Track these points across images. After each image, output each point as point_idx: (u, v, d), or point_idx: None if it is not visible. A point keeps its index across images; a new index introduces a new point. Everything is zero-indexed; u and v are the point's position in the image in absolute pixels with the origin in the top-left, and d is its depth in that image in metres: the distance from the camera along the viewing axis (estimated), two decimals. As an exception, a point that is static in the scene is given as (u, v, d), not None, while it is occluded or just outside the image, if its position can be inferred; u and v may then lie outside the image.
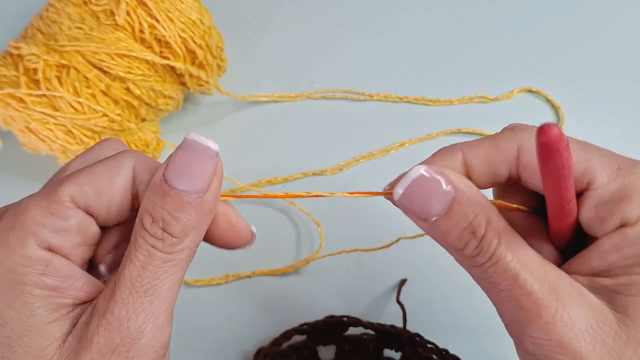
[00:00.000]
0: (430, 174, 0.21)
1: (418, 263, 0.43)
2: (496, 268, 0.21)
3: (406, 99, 0.50)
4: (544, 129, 0.16)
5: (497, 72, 0.51)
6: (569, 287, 0.21)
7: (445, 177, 0.21)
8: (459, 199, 0.21)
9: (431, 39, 0.53)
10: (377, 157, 0.48)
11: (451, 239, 0.21)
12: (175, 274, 0.22)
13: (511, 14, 0.53)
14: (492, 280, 0.21)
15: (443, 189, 0.21)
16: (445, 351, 0.37)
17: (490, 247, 0.21)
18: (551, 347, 0.20)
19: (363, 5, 0.54)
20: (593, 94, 0.49)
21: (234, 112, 0.51)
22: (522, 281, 0.20)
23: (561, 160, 0.17)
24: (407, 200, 0.22)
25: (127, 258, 0.22)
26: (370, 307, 0.43)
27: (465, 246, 0.21)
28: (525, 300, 0.20)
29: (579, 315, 0.20)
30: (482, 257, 0.21)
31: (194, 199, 0.22)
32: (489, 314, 0.42)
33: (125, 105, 0.43)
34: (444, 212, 0.21)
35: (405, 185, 0.22)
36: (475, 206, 0.21)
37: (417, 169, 0.22)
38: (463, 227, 0.21)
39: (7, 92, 0.40)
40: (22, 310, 0.21)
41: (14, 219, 0.22)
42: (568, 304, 0.20)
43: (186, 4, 0.43)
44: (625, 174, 0.21)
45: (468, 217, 0.21)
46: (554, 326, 0.20)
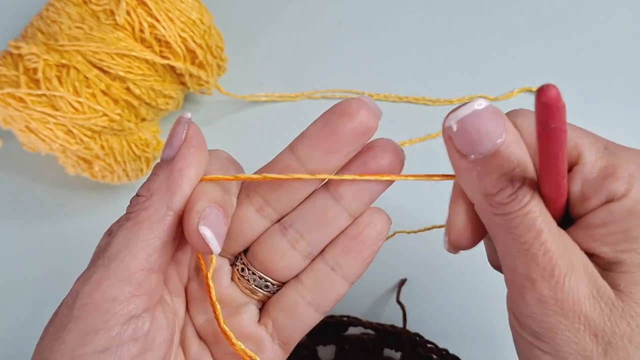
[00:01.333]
0: (493, 110, 0.21)
1: (418, 263, 0.43)
2: (523, 219, 0.21)
3: (406, 99, 0.50)
4: (543, 89, 0.17)
5: (497, 72, 0.51)
6: (578, 255, 0.21)
7: (502, 120, 0.21)
8: (508, 144, 0.21)
9: (431, 39, 0.53)
10: (377, 157, 0.48)
11: (487, 181, 0.21)
12: (136, 232, 0.22)
13: (511, 14, 0.53)
14: (514, 231, 0.21)
15: (498, 130, 0.21)
16: (445, 351, 0.37)
17: (525, 198, 0.21)
18: (555, 307, 0.20)
19: (363, 5, 0.54)
20: (593, 94, 0.49)
21: (234, 112, 0.51)
22: (544, 238, 0.20)
23: (560, 120, 0.18)
24: (459, 131, 0.21)
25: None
26: (370, 307, 0.43)
27: (500, 192, 0.21)
28: (542, 257, 0.20)
29: (583, 282, 0.20)
30: (513, 205, 0.21)
31: (164, 162, 0.24)
32: (489, 314, 0.42)
33: (125, 104, 0.43)
34: (490, 153, 0.21)
35: (462, 116, 0.21)
36: (520, 157, 0.21)
37: (480, 101, 0.21)
38: (503, 172, 0.21)
39: (7, 91, 0.40)
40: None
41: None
42: (576, 269, 0.20)
43: (186, 4, 0.43)
44: (611, 153, 0.22)
45: (511, 164, 0.21)
46: (562, 286, 0.20)
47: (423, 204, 0.43)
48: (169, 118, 0.49)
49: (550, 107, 0.17)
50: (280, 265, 0.26)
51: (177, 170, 0.23)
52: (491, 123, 0.21)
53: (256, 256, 0.27)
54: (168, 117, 0.49)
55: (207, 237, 0.23)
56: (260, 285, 0.27)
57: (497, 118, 0.21)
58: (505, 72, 0.50)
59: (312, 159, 0.25)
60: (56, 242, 0.48)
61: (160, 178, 0.23)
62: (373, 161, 0.25)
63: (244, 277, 0.27)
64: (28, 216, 0.49)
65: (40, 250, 0.47)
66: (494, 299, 0.43)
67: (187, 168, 0.23)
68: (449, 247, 0.25)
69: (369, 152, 0.26)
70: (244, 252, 0.27)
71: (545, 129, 0.18)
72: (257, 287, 0.27)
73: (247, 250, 0.27)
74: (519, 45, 0.52)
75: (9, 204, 0.49)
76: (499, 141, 0.21)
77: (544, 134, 0.18)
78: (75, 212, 0.48)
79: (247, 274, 0.27)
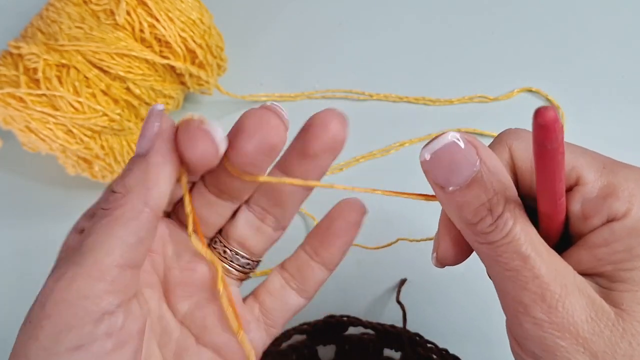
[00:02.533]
0: (463, 143, 0.21)
1: (418, 263, 0.43)
2: (508, 248, 0.21)
3: (406, 99, 0.50)
4: (540, 111, 0.17)
5: (497, 72, 0.51)
6: (572, 277, 0.21)
7: (477, 149, 0.21)
8: (483, 173, 0.21)
9: (431, 39, 0.53)
10: (377, 157, 0.48)
11: (466, 212, 0.21)
12: (111, 229, 0.22)
13: (511, 14, 0.53)
14: (500, 258, 0.21)
15: (471, 160, 0.21)
16: (445, 351, 0.37)
17: (506, 226, 0.21)
18: (551, 330, 0.20)
19: (363, 5, 0.54)
20: (593, 94, 0.49)
21: (234, 112, 0.51)
22: (531, 263, 0.20)
23: (557, 142, 0.18)
24: (432, 164, 0.21)
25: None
26: (370, 307, 0.43)
27: (480, 221, 0.21)
28: (532, 282, 0.20)
29: (580, 304, 0.20)
30: (495, 234, 0.21)
31: (139, 157, 0.23)
32: (489, 313, 0.42)
33: (125, 104, 0.43)
34: (465, 184, 0.21)
35: (434, 149, 0.21)
36: (498, 184, 0.21)
37: (451, 134, 0.21)
38: (481, 202, 0.21)
39: (7, 91, 0.40)
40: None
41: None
42: (571, 291, 0.20)
43: (186, 4, 0.43)
44: (610, 172, 0.22)
45: (488, 193, 0.21)
46: (556, 310, 0.20)
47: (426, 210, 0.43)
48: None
49: (547, 128, 0.17)
50: (254, 240, 0.28)
51: (153, 165, 0.23)
52: (464, 154, 0.21)
53: (231, 236, 0.27)
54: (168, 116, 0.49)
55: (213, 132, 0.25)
56: (241, 264, 0.28)
57: (470, 148, 0.21)
58: (505, 72, 0.50)
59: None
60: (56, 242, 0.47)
61: (136, 173, 0.23)
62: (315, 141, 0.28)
63: (226, 258, 0.27)
64: (28, 216, 0.49)
65: (40, 250, 0.47)
66: (493, 299, 0.43)
67: (163, 164, 0.23)
68: (436, 262, 0.25)
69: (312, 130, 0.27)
70: (219, 234, 0.28)
71: (543, 149, 0.18)
72: (239, 266, 0.28)
73: (221, 233, 0.28)
74: (519, 45, 0.52)
75: (9, 204, 0.49)
76: (474, 170, 0.21)
77: (541, 154, 0.19)
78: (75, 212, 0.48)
79: (229, 255, 0.27)
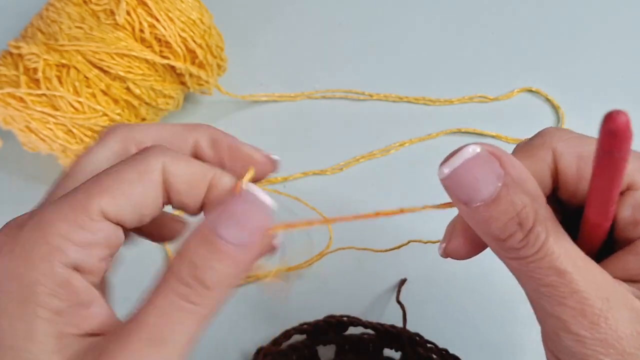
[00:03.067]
0: (485, 155, 0.20)
1: (418, 263, 0.43)
2: (542, 263, 0.19)
3: (406, 98, 0.50)
4: (612, 116, 0.15)
5: (497, 72, 0.51)
6: (613, 289, 0.20)
7: (500, 160, 0.20)
8: (509, 186, 0.19)
9: (431, 39, 0.53)
10: (377, 157, 0.48)
11: (494, 227, 0.20)
12: (193, 325, 0.20)
13: (511, 13, 0.53)
14: (534, 274, 0.20)
15: (495, 173, 0.20)
16: (445, 351, 0.37)
17: (538, 240, 0.19)
18: (594, 346, 0.19)
19: (363, 5, 0.54)
20: (593, 94, 0.49)
21: (234, 112, 0.51)
22: (569, 278, 0.19)
23: (626, 150, 0.16)
24: (453, 181, 0.20)
25: (149, 301, 0.20)
26: (370, 307, 0.43)
27: (509, 237, 0.20)
28: (570, 297, 0.19)
29: (623, 318, 0.19)
30: (527, 250, 0.19)
31: (234, 250, 0.20)
32: (489, 313, 0.42)
33: (125, 104, 0.43)
34: (491, 199, 0.19)
35: (455, 165, 0.20)
36: (525, 195, 0.20)
37: (472, 147, 0.20)
38: (510, 217, 0.19)
39: (7, 91, 0.40)
40: (24, 334, 0.19)
41: (38, 231, 0.20)
42: (613, 305, 0.19)
43: (186, 4, 0.43)
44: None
45: (517, 206, 0.19)
46: (598, 326, 0.19)
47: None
48: (169, 118, 0.49)
49: (619, 136, 0.16)
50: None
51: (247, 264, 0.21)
52: (485, 169, 0.20)
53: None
54: (168, 116, 0.49)
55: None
56: None
57: (491, 162, 0.20)
58: (505, 72, 0.51)
59: None
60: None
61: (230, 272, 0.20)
62: None
63: None
64: (28, 216, 0.49)
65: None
66: (493, 298, 0.43)
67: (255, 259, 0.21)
68: (442, 254, 0.24)
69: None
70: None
71: (609, 157, 0.17)
72: None
73: None
74: (519, 45, 0.52)
75: (9, 204, 0.49)
76: (499, 185, 0.19)
77: (605, 161, 0.17)
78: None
79: None
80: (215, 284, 0.20)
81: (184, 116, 0.50)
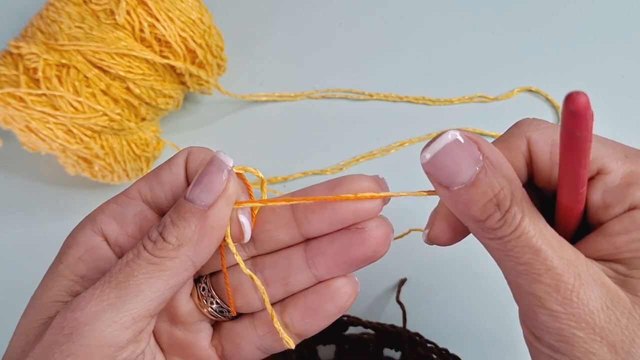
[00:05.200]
0: (465, 140, 0.21)
1: (418, 263, 0.43)
2: (518, 242, 0.20)
3: (406, 98, 0.50)
4: (572, 97, 0.16)
5: (497, 72, 0.51)
6: (585, 266, 0.21)
7: (478, 145, 0.21)
8: (487, 169, 0.21)
9: (431, 39, 0.53)
10: (377, 156, 0.48)
11: (474, 209, 0.21)
12: (156, 279, 0.22)
13: (511, 13, 0.53)
14: (511, 253, 0.21)
15: (474, 157, 0.21)
16: (445, 351, 0.37)
17: (514, 220, 0.20)
18: (568, 321, 0.20)
19: (363, 5, 0.54)
20: (593, 94, 0.49)
21: (234, 112, 0.51)
22: (543, 256, 0.20)
23: (586, 130, 0.17)
24: (435, 165, 0.21)
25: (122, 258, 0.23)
26: (370, 306, 0.43)
27: (488, 218, 0.21)
28: (545, 274, 0.20)
29: (595, 293, 0.20)
30: (504, 229, 0.21)
31: (196, 208, 0.23)
32: (489, 313, 0.42)
33: (125, 104, 0.43)
34: (471, 182, 0.21)
35: (436, 150, 0.21)
36: (503, 178, 0.21)
37: (451, 133, 0.21)
38: (488, 198, 0.21)
39: (7, 91, 0.40)
40: (44, 285, 0.23)
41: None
42: (585, 281, 0.20)
43: (186, 4, 0.43)
44: (632, 161, 0.22)
45: (494, 188, 0.21)
46: (571, 301, 0.20)
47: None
48: (169, 118, 0.49)
49: (579, 115, 0.16)
50: (240, 300, 0.27)
51: (211, 227, 0.23)
52: (465, 153, 0.21)
53: (220, 284, 0.27)
54: (168, 116, 0.49)
55: (244, 224, 0.24)
56: (216, 310, 0.27)
57: (471, 147, 0.21)
58: (505, 72, 0.51)
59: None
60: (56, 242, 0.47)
61: (191, 230, 0.23)
62: (357, 248, 0.25)
63: (203, 298, 0.27)
64: (28, 216, 0.49)
65: (40, 250, 0.47)
66: (493, 298, 0.43)
67: (220, 228, 0.23)
68: (426, 240, 0.25)
69: (357, 236, 0.25)
70: (210, 275, 0.27)
71: (571, 137, 0.18)
72: (214, 311, 0.27)
73: (213, 275, 0.27)
74: (519, 45, 0.52)
75: (9, 204, 0.49)
76: (477, 168, 0.20)
77: (569, 142, 0.18)
78: (75, 212, 0.48)
79: (207, 296, 0.27)
80: (178, 240, 0.22)
81: (184, 116, 0.50)
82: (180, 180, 0.25)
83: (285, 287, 0.26)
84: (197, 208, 0.23)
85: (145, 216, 0.25)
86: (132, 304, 0.21)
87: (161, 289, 0.22)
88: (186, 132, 0.49)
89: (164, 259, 0.22)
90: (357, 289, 0.26)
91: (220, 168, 0.23)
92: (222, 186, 0.23)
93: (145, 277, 0.22)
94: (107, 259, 0.24)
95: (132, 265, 0.22)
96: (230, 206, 0.24)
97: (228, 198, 0.23)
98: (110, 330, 0.21)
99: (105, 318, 0.21)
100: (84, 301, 0.21)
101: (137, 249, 0.23)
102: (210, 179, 0.23)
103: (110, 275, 0.22)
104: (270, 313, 0.25)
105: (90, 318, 0.21)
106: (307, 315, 0.26)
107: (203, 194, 0.23)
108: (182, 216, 0.23)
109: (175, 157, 0.25)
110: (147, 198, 0.25)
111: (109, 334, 0.21)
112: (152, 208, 0.25)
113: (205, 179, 0.23)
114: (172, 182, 0.25)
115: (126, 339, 0.21)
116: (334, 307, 0.26)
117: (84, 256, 0.24)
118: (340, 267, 0.25)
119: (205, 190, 0.23)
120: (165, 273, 0.22)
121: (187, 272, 0.23)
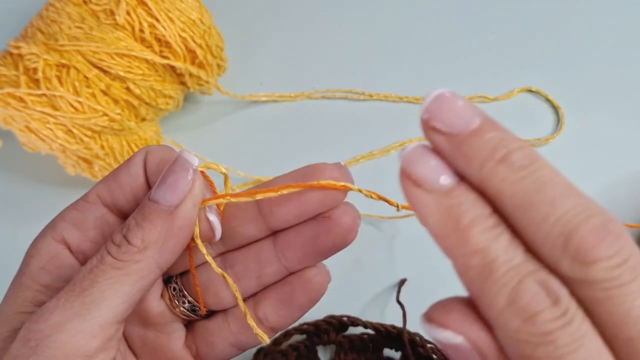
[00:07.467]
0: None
1: (418, 263, 0.43)
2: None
3: (406, 98, 0.50)
4: None
5: (497, 72, 0.51)
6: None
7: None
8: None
9: (431, 39, 0.53)
10: (377, 157, 0.48)
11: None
12: (121, 284, 0.21)
13: (511, 13, 0.53)
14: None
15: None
16: (445, 351, 0.37)
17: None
18: None
19: (363, 5, 0.54)
20: (593, 94, 0.49)
21: (234, 112, 0.51)
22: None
23: None
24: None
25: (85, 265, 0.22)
26: (370, 307, 0.43)
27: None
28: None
29: None
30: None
31: (162, 209, 0.22)
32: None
33: (125, 104, 0.43)
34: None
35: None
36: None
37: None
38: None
39: (7, 91, 0.40)
40: (8, 298, 0.23)
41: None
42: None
43: (186, 4, 0.43)
44: None
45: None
46: None
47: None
48: (169, 118, 0.49)
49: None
50: (211, 298, 0.27)
51: (177, 228, 0.22)
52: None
53: (191, 283, 0.27)
54: (168, 116, 0.49)
55: (214, 223, 0.24)
56: (188, 309, 0.27)
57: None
58: (505, 72, 0.50)
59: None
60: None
61: (156, 231, 0.22)
62: (324, 237, 0.25)
63: (174, 298, 0.27)
64: (28, 216, 0.49)
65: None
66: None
67: (187, 229, 0.23)
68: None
69: (324, 225, 0.25)
70: (179, 275, 0.27)
71: None
72: (186, 310, 0.27)
73: (184, 274, 0.27)
74: (519, 45, 0.52)
75: (9, 204, 0.49)
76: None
77: None
78: (75, 212, 0.48)
79: (178, 296, 0.27)
80: (143, 242, 0.22)
81: (184, 116, 0.50)
82: (140, 181, 0.24)
83: (256, 281, 0.26)
84: (162, 209, 0.22)
85: (107, 220, 0.24)
86: (97, 311, 0.21)
87: (127, 293, 0.22)
88: (186, 132, 0.49)
89: (129, 263, 0.22)
90: (328, 277, 0.26)
91: (185, 167, 0.23)
92: (188, 186, 0.22)
93: (110, 283, 0.21)
94: (71, 267, 0.23)
95: (95, 272, 0.22)
96: (197, 206, 0.23)
97: (195, 197, 0.23)
98: (77, 339, 0.20)
99: (71, 327, 0.20)
100: (48, 311, 0.21)
101: (101, 254, 0.22)
102: (174, 179, 0.22)
103: (74, 283, 0.21)
104: (242, 310, 0.25)
105: (54, 329, 0.20)
106: (281, 307, 0.26)
107: (168, 194, 0.22)
108: (147, 217, 0.22)
109: (132, 158, 0.25)
110: (107, 202, 0.24)
111: (75, 343, 0.20)
112: (113, 212, 0.25)
113: (170, 178, 0.22)
114: (132, 183, 0.24)
115: (94, 347, 0.21)
116: (306, 298, 0.26)
117: (46, 265, 0.23)
118: (309, 258, 0.25)
119: (170, 190, 0.22)
120: (131, 277, 0.22)
121: (153, 275, 0.22)
